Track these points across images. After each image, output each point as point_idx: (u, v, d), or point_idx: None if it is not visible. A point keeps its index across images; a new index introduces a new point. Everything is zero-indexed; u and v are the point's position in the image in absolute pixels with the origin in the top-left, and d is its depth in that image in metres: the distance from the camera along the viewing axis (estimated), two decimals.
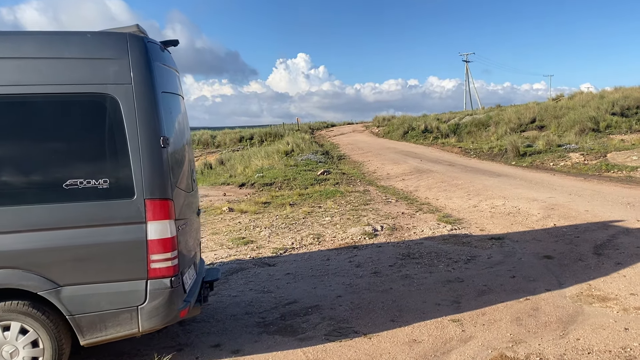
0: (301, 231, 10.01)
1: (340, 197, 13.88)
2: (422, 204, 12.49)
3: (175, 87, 5.20)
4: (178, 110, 5.22)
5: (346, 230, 9.72)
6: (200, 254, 6.18)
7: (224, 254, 8.65)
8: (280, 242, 9.28)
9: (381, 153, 26.03)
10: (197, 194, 5.79)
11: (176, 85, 5.25)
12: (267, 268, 7.75)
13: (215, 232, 10.48)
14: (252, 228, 10.55)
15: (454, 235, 9.26)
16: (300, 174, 18.31)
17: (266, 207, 13.26)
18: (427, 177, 16.72)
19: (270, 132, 43.23)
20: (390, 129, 41.36)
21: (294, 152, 25.14)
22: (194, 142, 45.67)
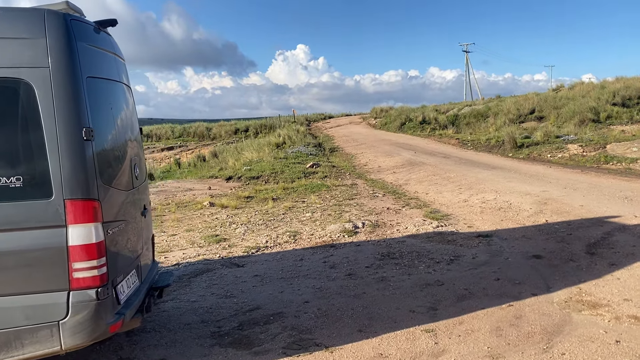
0: (278, 228, 9.48)
1: (325, 191, 13.34)
2: (410, 199, 11.94)
3: (113, 73, 4.63)
4: (117, 99, 4.66)
5: (325, 228, 9.18)
6: (154, 256, 5.65)
7: (193, 253, 8.12)
8: (254, 240, 8.74)
9: (375, 145, 25.45)
10: (146, 190, 5.23)
11: (114, 71, 4.68)
12: (235, 269, 7.22)
13: (190, 229, 9.95)
14: (228, 225, 10.02)
15: (440, 232, 8.72)
16: (289, 167, 17.75)
17: (248, 201, 12.72)
18: (419, 170, 16.16)
19: (266, 124, 42.65)
20: (388, 121, 40.74)
21: (285, 144, 24.57)
22: (189, 134, 45.19)
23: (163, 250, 8.43)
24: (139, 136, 5.39)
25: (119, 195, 4.30)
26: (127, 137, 4.73)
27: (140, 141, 5.43)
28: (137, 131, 5.29)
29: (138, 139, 5.26)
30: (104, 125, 4.25)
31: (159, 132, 46.83)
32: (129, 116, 4.95)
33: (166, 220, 11.17)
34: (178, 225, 10.52)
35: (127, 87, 5.15)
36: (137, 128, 5.32)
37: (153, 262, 5.58)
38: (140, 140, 5.40)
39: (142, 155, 5.34)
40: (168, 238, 9.33)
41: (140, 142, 5.42)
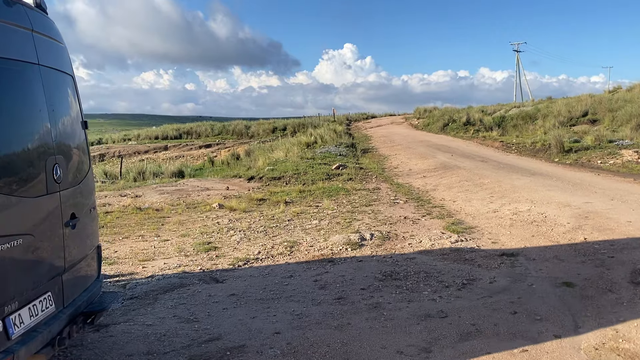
0: (277, 237, 8.56)
1: (343, 195, 12.33)
2: (433, 207, 10.78)
3: (23, 52, 3.81)
4: (32, 86, 3.85)
5: (328, 238, 8.19)
6: (99, 273, 4.84)
7: (175, 263, 7.30)
8: (247, 250, 7.86)
9: (411, 146, 24.20)
10: (78, 196, 4.38)
11: (27, 51, 3.87)
12: (212, 285, 6.35)
13: (185, 234, 9.17)
14: (226, 231, 9.18)
15: (457, 249, 7.58)
16: (314, 167, 16.83)
17: (260, 204, 11.88)
18: (451, 175, 14.90)
19: (304, 123, 41.90)
20: (430, 121, 39.27)
21: (316, 143, 23.67)
22: (229, 132, 44.97)
23: (146, 258, 7.66)
24: (78, 131, 4.57)
25: (18, 204, 3.48)
26: (42, 131, 3.90)
27: (80, 137, 4.62)
28: (73, 125, 4.48)
29: (73, 135, 4.44)
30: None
31: (199, 129, 46.93)
32: (56, 107, 4.13)
33: (167, 223, 10.45)
34: (176, 229, 9.77)
35: (62, 74, 4.35)
36: (74, 122, 4.51)
37: (97, 280, 4.76)
38: (79, 136, 4.59)
39: (78, 153, 4.52)
40: (158, 244, 8.58)
41: (79, 138, 4.60)
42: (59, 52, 4.37)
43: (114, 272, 6.97)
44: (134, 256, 7.84)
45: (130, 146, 43.57)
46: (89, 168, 4.73)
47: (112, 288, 6.28)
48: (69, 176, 4.18)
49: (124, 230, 9.90)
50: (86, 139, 4.80)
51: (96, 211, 4.87)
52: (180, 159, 37.43)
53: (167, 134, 46.50)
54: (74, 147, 4.46)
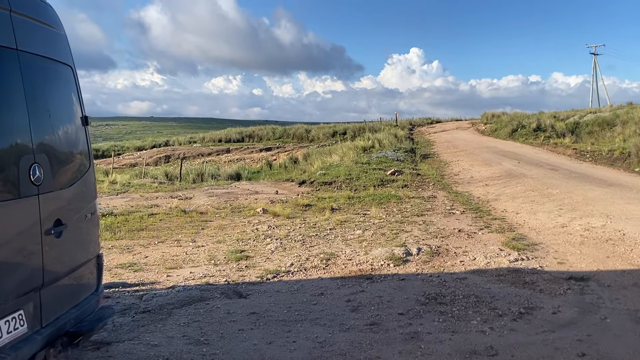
0: (314, 247, 7.89)
1: (395, 203, 11.49)
2: (493, 219, 9.75)
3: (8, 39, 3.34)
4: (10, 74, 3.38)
5: (369, 252, 7.42)
6: (98, 285, 4.35)
7: (200, 273, 6.78)
8: (279, 261, 7.23)
9: (476, 152, 22.88)
10: (64, 200, 3.87)
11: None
12: (233, 301, 5.75)
13: (221, 240, 8.68)
14: (262, 238, 8.61)
15: (516, 269, 6.61)
16: (367, 173, 16.06)
17: (305, 210, 11.27)
18: (517, 184, 13.69)
19: (364, 127, 41.10)
20: (498, 127, 37.37)
21: (373, 148, 22.84)
22: (289, 135, 44.91)
23: (173, 266, 7.21)
24: (75, 128, 4.10)
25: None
26: (16, 126, 3.41)
27: (77, 135, 4.14)
28: (68, 121, 4.01)
29: (66, 131, 3.96)
30: None
31: (261, 133, 47.15)
32: (40, 99, 3.65)
33: (208, 227, 10.04)
34: (214, 234, 9.32)
35: (55, 63, 3.89)
36: (69, 117, 4.04)
37: (93, 294, 4.26)
38: (75, 133, 4.11)
39: (71, 152, 4.03)
40: (192, 250, 8.13)
41: (76, 135, 4.12)
42: (52, 39, 3.90)
43: (137, 280, 6.54)
44: (162, 263, 7.42)
45: (195, 148, 44.38)
46: (87, 169, 4.24)
47: (129, 299, 5.83)
48: (55, 178, 3.68)
49: (163, 234, 9.57)
50: (87, 136, 4.31)
51: (97, 216, 4.37)
52: (241, 161, 37.64)
53: (230, 137, 47.03)
54: (66, 145, 3.98)
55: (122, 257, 7.81)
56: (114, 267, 7.26)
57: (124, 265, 7.27)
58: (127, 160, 41.09)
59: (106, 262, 7.55)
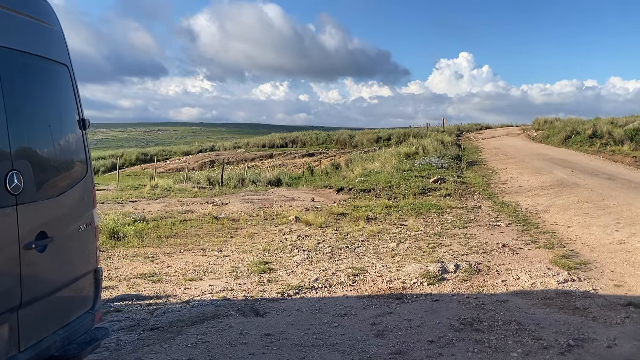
0: (343, 261, 7.37)
1: (435, 213, 10.84)
2: (541, 233, 8.96)
3: None
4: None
5: (402, 268, 6.84)
6: (94, 301, 4.00)
7: (219, 286, 6.40)
8: (304, 275, 6.77)
9: (525, 160, 21.77)
10: (47, 210, 3.48)
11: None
12: (249, 319, 5.32)
13: (247, 250, 8.30)
14: (289, 249, 8.17)
15: (566, 292, 5.90)
16: (408, 180, 15.41)
17: (339, 219, 10.78)
18: (569, 194, 12.74)
19: (410, 133, 40.21)
20: (550, 133, 35.76)
21: (417, 154, 22.09)
22: (332, 141, 44.56)
23: (193, 277, 6.86)
24: (68, 132, 3.77)
25: None
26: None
27: (71, 139, 3.81)
28: (58, 124, 3.68)
29: (56, 136, 3.63)
30: None
31: (304, 138, 47.00)
32: (22, 100, 3.32)
33: (237, 235, 9.70)
34: (242, 243, 8.97)
35: (45, 61, 3.57)
36: (61, 120, 3.72)
37: (87, 312, 3.91)
38: (68, 137, 3.78)
39: (61, 158, 3.71)
40: (216, 260, 7.79)
41: (69, 140, 3.80)
42: (43, 35, 3.59)
43: (153, 293, 6.22)
44: (183, 274, 7.09)
45: (239, 153, 44.63)
46: (83, 176, 3.91)
47: (140, 313, 5.49)
48: (39, 186, 3.35)
49: (190, 242, 9.29)
50: (84, 141, 3.98)
51: (94, 228, 4.03)
52: (284, 167, 37.51)
53: (274, 143, 47.07)
54: (56, 151, 3.65)
55: (143, 266, 7.54)
56: (134, 277, 6.98)
57: (143, 276, 6.99)
58: (174, 165, 41.72)
59: (127, 271, 7.30)
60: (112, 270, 7.34)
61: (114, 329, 5.02)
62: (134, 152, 49.25)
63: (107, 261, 7.94)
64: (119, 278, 6.95)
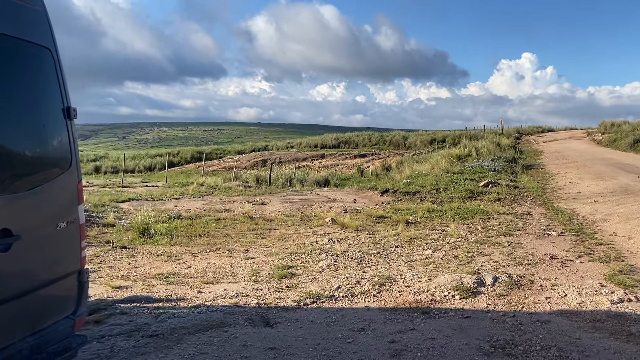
0: (371, 268, 6.83)
1: (480, 219, 10.08)
2: (597, 244, 8.08)
3: None
4: None
5: (433, 278, 6.23)
6: (76, 306, 3.69)
7: (234, 291, 6.01)
8: (326, 282, 6.28)
9: (587, 164, 20.35)
10: (11, 208, 3.16)
11: None
12: (256, 330, 4.89)
13: (274, 253, 7.91)
14: (317, 253, 7.71)
15: (620, 314, 5.13)
16: (457, 183, 14.61)
17: (377, 223, 10.22)
18: (633, 202, 11.61)
19: (465, 134, 38.85)
20: (617, 137, 33.58)
21: (469, 156, 21.10)
22: (385, 142, 43.84)
23: (211, 280, 6.53)
24: (46, 121, 3.47)
25: None
26: None
27: (51, 129, 3.51)
28: (33, 113, 3.38)
29: (30, 125, 3.33)
30: None
31: (357, 139, 46.45)
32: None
33: (268, 236, 9.35)
34: (272, 245, 8.59)
35: (20, 43, 3.28)
36: (39, 108, 3.42)
37: (67, 318, 3.59)
38: (46, 127, 3.49)
39: (34, 150, 3.41)
40: (240, 262, 7.44)
41: (47, 130, 3.50)
42: (20, 14, 3.29)
43: (165, 295, 5.92)
44: (202, 275, 6.78)
45: (291, 153, 44.63)
46: (64, 170, 3.59)
47: (144, 317, 5.19)
48: (3, 179, 3.06)
49: (219, 242, 9.01)
50: (69, 131, 3.66)
51: (78, 225, 3.72)
52: (335, 167, 37.13)
53: (327, 143, 46.76)
54: (30, 141, 3.35)
55: (164, 266, 7.29)
56: (151, 277, 6.73)
57: (160, 276, 6.72)
58: (226, 164, 42.19)
59: (147, 270, 7.06)
60: (132, 269, 7.13)
61: (112, 333, 4.73)
62: (190, 151, 50.24)
63: (130, 259, 7.76)
64: (136, 277, 6.71)
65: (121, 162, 46.05)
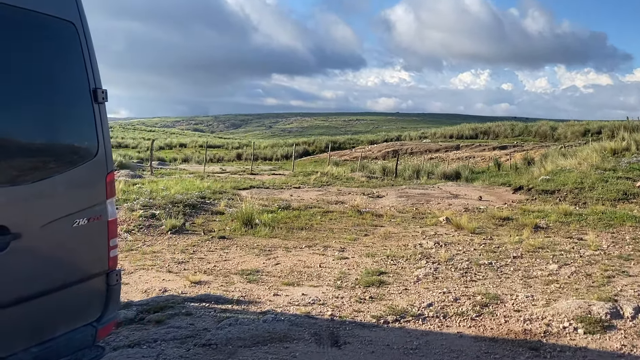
0: (475, 283, 5.73)
1: (631, 227, 8.32)
2: None
3: None
4: None
5: (553, 302, 4.99)
6: (102, 312, 3.30)
7: (311, 297, 5.34)
8: (418, 295, 5.35)
9: None
10: (12, 203, 2.78)
11: None
12: (320, 349, 4.17)
13: (371, 254, 7.13)
14: (418, 258, 6.76)
15: None
16: (607, 182, 12.52)
17: (499, 226, 8.94)
18: None
19: (625, 125, 34.15)
20: None
21: (627, 151, 18.15)
22: (530, 133, 40.52)
23: (292, 282, 5.94)
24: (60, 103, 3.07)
25: None
26: None
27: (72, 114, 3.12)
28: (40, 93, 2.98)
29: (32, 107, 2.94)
30: None
31: (497, 129, 43.41)
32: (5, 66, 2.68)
33: (372, 234, 8.60)
34: (372, 244, 7.82)
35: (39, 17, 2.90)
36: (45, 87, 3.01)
37: (88, 325, 3.21)
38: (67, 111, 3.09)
39: (39, 136, 3.00)
40: (331, 262, 6.79)
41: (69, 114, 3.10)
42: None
43: (238, 295, 5.45)
44: (286, 275, 6.24)
45: (423, 144, 43.05)
46: (88, 159, 3.18)
47: (206, 321, 4.74)
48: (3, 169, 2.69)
49: (319, 237, 8.45)
50: (95, 116, 3.23)
51: (105, 222, 3.30)
52: (470, 160, 34.98)
53: (463, 134, 44.33)
54: (40, 127, 2.96)
55: (253, 261, 6.89)
56: (234, 272, 6.35)
57: (244, 272, 6.31)
58: (358, 153, 41.89)
59: (234, 264, 6.72)
60: (220, 262, 6.83)
61: (166, 338, 4.34)
62: (324, 140, 50.84)
63: (223, 251, 7.50)
64: (219, 272, 6.37)
65: (261, 149, 48.14)
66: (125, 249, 7.59)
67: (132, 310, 4.96)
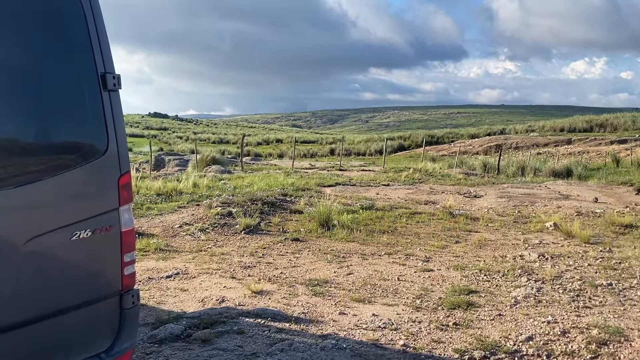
0: (592, 310, 4.59)
1: None
2: None
3: None
4: None
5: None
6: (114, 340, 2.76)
7: (384, 319, 4.52)
8: (515, 323, 4.33)
9: None
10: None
11: None
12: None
13: (459, 266, 6.15)
14: (517, 275, 5.67)
15: None
16: None
17: (621, 234, 7.58)
18: None
19: None
20: None
21: None
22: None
23: (362, 298, 5.14)
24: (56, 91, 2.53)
25: None
26: None
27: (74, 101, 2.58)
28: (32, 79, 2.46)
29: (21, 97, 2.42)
30: None
31: (616, 121, 39.39)
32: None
33: (463, 241, 7.59)
34: (463, 253, 6.83)
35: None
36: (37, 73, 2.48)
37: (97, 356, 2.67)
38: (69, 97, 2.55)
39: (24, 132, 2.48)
40: (412, 274, 5.92)
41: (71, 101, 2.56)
42: None
43: (299, 312, 4.77)
44: (358, 288, 5.46)
45: (530, 138, 40.06)
46: (94, 158, 2.62)
47: (257, 343, 4.10)
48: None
49: (401, 242, 7.59)
50: (104, 105, 2.66)
51: (118, 233, 2.73)
52: (583, 155, 31.92)
53: (575, 126, 40.70)
54: (27, 120, 2.44)
55: (323, 269, 6.19)
56: (301, 282, 5.68)
57: (311, 282, 5.63)
58: (456, 148, 39.86)
59: (302, 272, 6.06)
60: (288, 269, 6.20)
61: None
62: (421, 134, 49.17)
63: (294, 255, 6.88)
64: (285, 280, 5.74)
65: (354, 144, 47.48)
66: (195, 249, 7.22)
67: (181, 324, 4.45)
